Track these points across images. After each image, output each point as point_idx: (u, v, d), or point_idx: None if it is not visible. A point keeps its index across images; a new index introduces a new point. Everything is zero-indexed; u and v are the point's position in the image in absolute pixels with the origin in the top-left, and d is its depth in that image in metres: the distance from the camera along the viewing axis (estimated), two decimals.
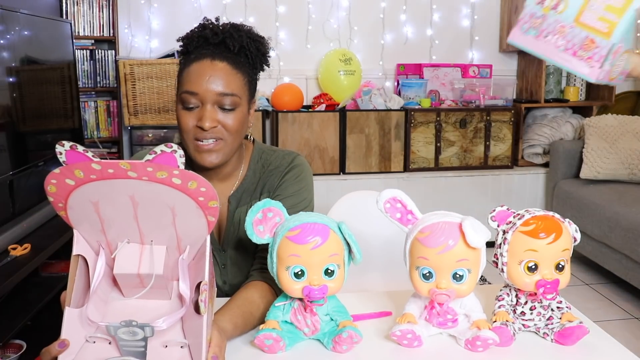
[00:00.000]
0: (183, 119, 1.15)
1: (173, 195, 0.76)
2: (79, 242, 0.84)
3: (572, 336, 0.98)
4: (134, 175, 0.73)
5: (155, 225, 0.80)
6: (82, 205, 0.79)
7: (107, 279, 0.86)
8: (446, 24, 3.89)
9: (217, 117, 1.14)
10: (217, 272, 1.27)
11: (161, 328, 0.78)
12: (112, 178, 0.74)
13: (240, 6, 3.64)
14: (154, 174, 0.73)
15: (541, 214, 0.99)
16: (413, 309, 1.01)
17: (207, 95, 1.13)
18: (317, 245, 0.92)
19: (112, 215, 0.79)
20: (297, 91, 3.54)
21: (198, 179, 0.74)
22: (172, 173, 0.73)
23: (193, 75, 1.14)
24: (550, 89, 3.89)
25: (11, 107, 2.17)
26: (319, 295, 0.93)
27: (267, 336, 0.93)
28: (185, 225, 0.81)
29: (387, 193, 0.99)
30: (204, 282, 0.80)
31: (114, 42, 3.39)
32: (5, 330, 1.83)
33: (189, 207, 0.78)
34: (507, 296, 1.04)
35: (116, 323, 0.76)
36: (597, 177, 3.26)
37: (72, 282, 0.83)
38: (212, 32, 1.16)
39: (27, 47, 2.35)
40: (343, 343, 0.94)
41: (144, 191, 0.76)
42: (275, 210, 0.98)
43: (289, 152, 1.32)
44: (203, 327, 0.80)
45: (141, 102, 3.29)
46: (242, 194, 1.26)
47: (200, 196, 0.76)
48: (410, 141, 3.47)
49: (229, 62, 1.15)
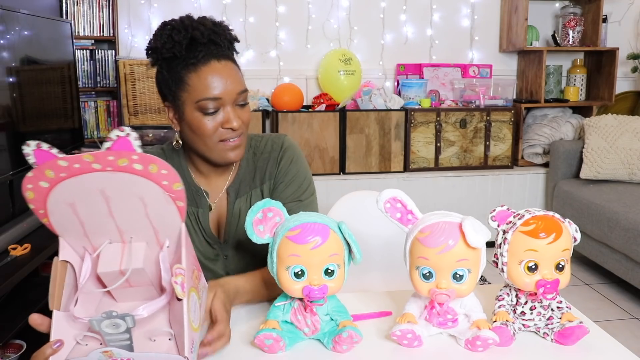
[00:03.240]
0: (204, 125, 1.14)
1: (139, 184, 0.76)
2: (64, 249, 0.84)
3: (572, 336, 0.98)
4: (98, 167, 0.73)
5: (131, 220, 0.80)
6: (61, 210, 0.79)
7: (96, 283, 0.86)
8: (446, 24, 3.89)
9: (239, 114, 1.16)
10: (220, 263, 1.28)
11: (142, 316, 0.78)
12: (80, 173, 0.74)
13: (240, 6, 3.64)
14: (116, 162, 0.73)
15: (541, 214, 0.99)
16: (413, 308, 1.01)
17: (229, 97, 1.14)
18: (317, 245, 0.92)
19: (89, 215, 0.80)
20: (297, 91, 3.54)
21: (157, 162, 0.74)
22: (132, 159, 0.73)
23: (209, 80, 1.12)
24: (550, 89, 3.89)
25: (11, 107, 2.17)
26: (319, 295, 0.93)
27: (267, 336, 0.93)
28: (157, 215, 0.81)
29: (387, 193, 0.99)
30: (177, 265, 0.80)
31: (114, 42, 3.39)
32: (5, 330, 1.83)
33: (156, 195, 0.78)
34: (507, 296, 1.04)
35: (98, 316, 0.76)
36: (597, 177, 3.26)
37: (59, 286, 0.84)
38: (198, 31, 1.14)
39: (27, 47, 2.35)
40: (343, 343, 0.94)
41: (112, 184, 0.75)
42: (275, 210, 0.98)
43: (277, 135, 1.34)
44: (184, 312, 0.80)
45: (141, 102, 3.29)
46: (240, 184, 1.28)
47: (163, 180, 0.76)
48: (410, 141, 3.47)
49: (229, 58, 1.16)
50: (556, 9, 3.97)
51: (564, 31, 3.79)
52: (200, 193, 1.27)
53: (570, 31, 3.76)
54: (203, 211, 1.26)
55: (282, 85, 3.60)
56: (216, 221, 1.29)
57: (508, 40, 3.85)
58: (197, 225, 1.26)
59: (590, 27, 3.76)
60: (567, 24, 3.77)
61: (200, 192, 1.27)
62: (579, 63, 3.93)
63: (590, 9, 3.76)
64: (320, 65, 3.73)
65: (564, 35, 3.79)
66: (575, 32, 3.76)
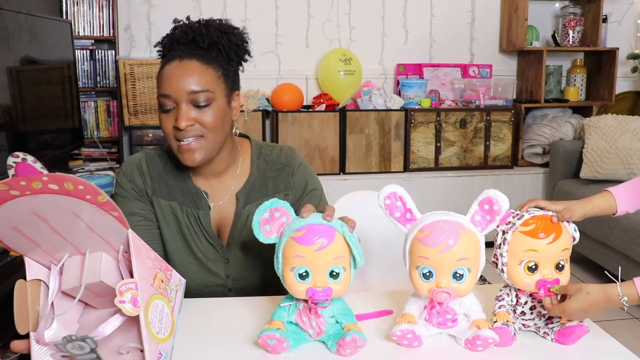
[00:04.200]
0: (163, 122, 1.17)
1: (64, 202, 0.75)
2: (31, 267, 0.84)
3: (572, 335, 0.98)
4: (16, 193, 0.72)
5: (77, 233, 0.80)
6: (9, 233, 0.78)
7: (68, 296, 0.86)
8: (446, 24, 3.89)
9: (193, 115, 1.15)
10: (221, 266, 1.27)
11: (103, 335, 0.78)
12: (2, 202, 0.73)
13: (240, 6, 3.64)
14: (30, 186, 0.72)
15: (541, 214, 0.99)
16: (413, 308, 1.01)
17: (179, 95, 1.14)
18: (322, 246, 0.92)
19: (36, 235, 0.79)
20: (297, 91, 3.54)
21: (71, 179, 0.73)
22: (44, 180, 0.72)
23: (164, 77, 1.16)
24: (550, 89, 3.89)
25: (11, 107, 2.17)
26: (322, 298, 0.92)
27: (270, 336, 0.93)
28: (99, 226, 0.80)
29: (388, 188, 0.99)
30: (121, 282, 0.79)
31: (114, 42, 3.39)
32: (5, 330, 1.83)
33: (85, 208, 0.77)
34: (507, 296, 1.04)
35: (60, 340, 0.76)
36: (597, 177, 3.26)
37: (32, 307, 0.83)
38: (181, 32, 1.18)
39: (27, 47, 2.35)
40: (347, 347, 0.94)
41: (39, 204, 0.75)
42: (282, 210, 0.98)
43: (286, 147, 1.33)
44: (142, 326, 0.79)
45: (141, 102, 3.29)
46: (250, 190, 1.27)
47: (85, 194, 0.75)
48: (410, 141, 3.47)
49: (198, 58, 1.16)
50: (556, 9, 3.97)
51: (564, 31, 3.79)
52: (200, 194, 1.26)
53: (570, 31, 3.76)
54: (204, 213, 1.26)
55: (282, 85, 3.60)
56: (217, 223, 1.28)
57: (508, 40, 3.85)
58: (199, 226, 1.26)
59: (590, 27, 3.76)
60: (567, 24, 3.77)
61: (199, 193, 1.26)
62: (579, 63, 3.93)
63: (590, 9, 3.76)
64: (320, 65, 3.73)
65: (564, 35, 3.78)
66: (575, 32, 3.76)
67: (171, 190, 1.26)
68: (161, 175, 1.27)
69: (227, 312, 1.13)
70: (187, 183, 1.27)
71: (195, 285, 1.25)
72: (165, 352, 0.85)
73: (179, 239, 1.26)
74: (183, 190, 1.26)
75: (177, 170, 1.27)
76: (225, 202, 1.27)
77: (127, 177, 1.26)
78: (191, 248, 1.26)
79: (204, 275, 1.26)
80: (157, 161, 1.28)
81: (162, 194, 1.26)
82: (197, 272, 1.26)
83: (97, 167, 3.27)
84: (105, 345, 0.81)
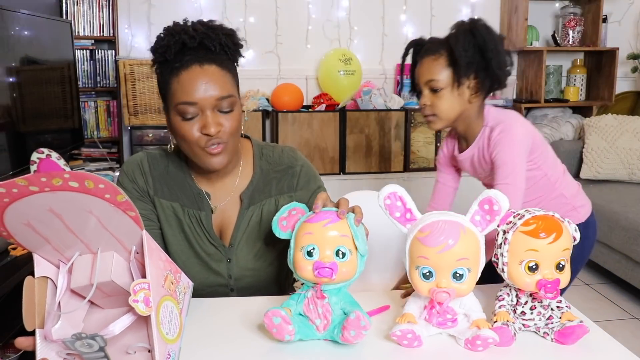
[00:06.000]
0: (184, 130, 1.13)
1: (82, 200, 0.75)
2: (40, 264, 0.84)
3: (572, 335, 0.98)
4: (36, 189, 0.72)
5: (90, 232, 0.80)
6: (22, 230, 0.78)
7: (77, 294, 0.86)
8: (446, 24, 3.87)
9: (220, 120, 1.13)
10: (223, 266, 1.27)
11: (113, 334, 0.78)
12: (21, 197, 0.73)
13: (240, 6, 3.64)
14: (51, 182, 0.72)
15: (541, 214, 0.99)
16: (413, 308, 1.01)
17: (206, 102, 1.11)
18: (329, 222, 0.95)
19: (49, 232, 0.79)
20: (297, 91, 3.54)
21: (92, 177, 0.73)
22: (65, 177, 0.72)
23: (185, 84, 1.11)
24: (550, 89, 3.89)
25: (11, 107, 2.17)
26: (328, 272, 0.93)
27: (276, 313, 0.93)
28: (114, 226, 0.80)
29: (388, 188, 0.99)
30: (135, 282, 0.79)
31: (114, 42, 3.39)
32: (5, 330, 1.83)
33: (103, 208, 0.77)
34: (508, 296, 1.03)
35: (69, 338, 0.76)
36: (597, 177, 3.26)
37: (39, 304, 0.83)
38: (188, 36, 1.12)
39: (27, 47, 2.35)
40: (350, 327, 0.92)
41: (57, 202, 0.75)
42: (298, 209, 1.03)
43: (287, 148, 1.33)
44: (152, 326, 0.79)
45: (141, 102, 3.29)
46: (253, 191, 1.27)
47: (105, 193, 0.75)
48: (410, 141, 3.47)
49: (216, 63, 1.14)
50: (556, 9, 3.97)
51: (564, 31, 3.79)
52: (202, 195, 1.26)
53: (570, 31, 3.76)
54: (206, 214, 1.26)
55: (282, 85, 3.60)
56: (219, 224, 1.28)
57: (508, 40, 3.85)
58: (200, 227, 1.26)
59: (590, 27, 3.76)
60: (567, 24, 3.77)
61: (202, 194, 1.26)
62: (579, 63, 3.93)
63: (590, 9, 3.76)
64: (320, 65, 3.72)
65: (564, 35, 3.79)
66: (575, 32, 3.76)
67: (173, 191, 1.27)
68: (163, 175, 1.27)
69: (229, 312, 1.13)
70: (189, 184, 1.27)
71: (197, 285, 1.25)
72: (173, 352, 0.85)
73: (181, 239, 1.26)
74: (185, 191, 1.26)
75: (179, 171, 1.27)
76: (228, 203, 1.27)
77: (128, 177, 1.26)
78: (194, 248, 1.26)
79: (207, 275, 1.27)
80: (158, 161, 1.28)
81: (164, 195, 1.26)
82: (200, 272, 1.26)
83: (97, 167, 3.27)
84: (113, 344, 0.81)
